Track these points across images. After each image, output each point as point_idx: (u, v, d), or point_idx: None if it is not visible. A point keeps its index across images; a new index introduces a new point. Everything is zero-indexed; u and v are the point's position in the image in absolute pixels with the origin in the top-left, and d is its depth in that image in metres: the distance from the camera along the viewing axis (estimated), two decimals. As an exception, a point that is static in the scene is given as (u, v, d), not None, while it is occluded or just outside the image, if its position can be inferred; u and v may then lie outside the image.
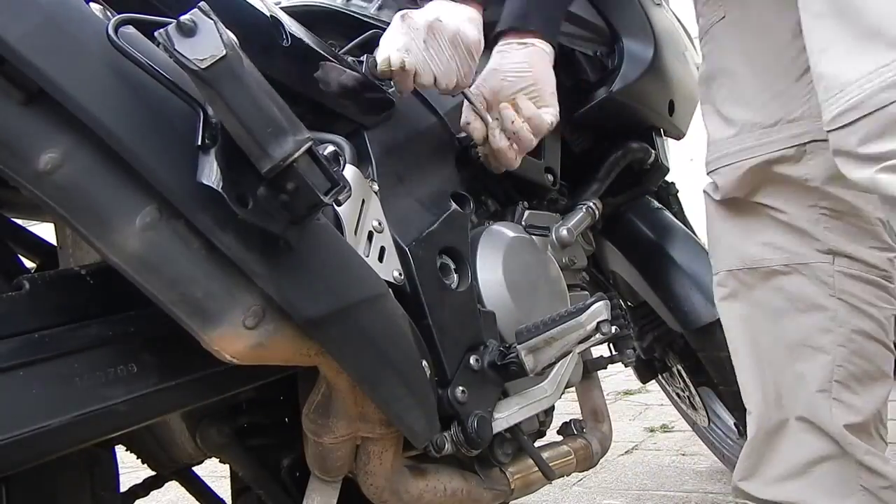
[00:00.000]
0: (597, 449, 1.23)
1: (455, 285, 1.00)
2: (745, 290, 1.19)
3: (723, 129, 1.17)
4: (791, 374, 1.15)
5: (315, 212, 0.65)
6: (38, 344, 0.63)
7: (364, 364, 0.75)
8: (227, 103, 0.56)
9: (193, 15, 0.56)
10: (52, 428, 0.60)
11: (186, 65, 0.55)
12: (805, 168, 1.11)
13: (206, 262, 0.62)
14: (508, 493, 1.05)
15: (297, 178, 0.60)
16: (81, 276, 0.71)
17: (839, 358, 1.12)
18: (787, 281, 1.15)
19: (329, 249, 0.72)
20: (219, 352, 0.65)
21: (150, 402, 0.68)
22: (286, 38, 0.89)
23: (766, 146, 1.12)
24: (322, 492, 0.88)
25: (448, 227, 1.01)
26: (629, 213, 1.54)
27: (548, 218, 1.26)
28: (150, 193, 0.59)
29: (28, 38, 0.54)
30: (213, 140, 0.58)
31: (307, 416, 0.83)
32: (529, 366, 0.95)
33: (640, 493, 1.95)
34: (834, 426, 1.11)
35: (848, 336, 1.11)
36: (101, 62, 0.57)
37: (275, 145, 0.58)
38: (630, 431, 2.66)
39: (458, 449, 0.92)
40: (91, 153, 0.57)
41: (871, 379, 1.13)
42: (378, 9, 1.25)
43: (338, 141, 0.93)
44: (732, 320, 1.23)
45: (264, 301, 0.65)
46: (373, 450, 0.87)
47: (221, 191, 0.58)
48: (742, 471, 1.22)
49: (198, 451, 0.94)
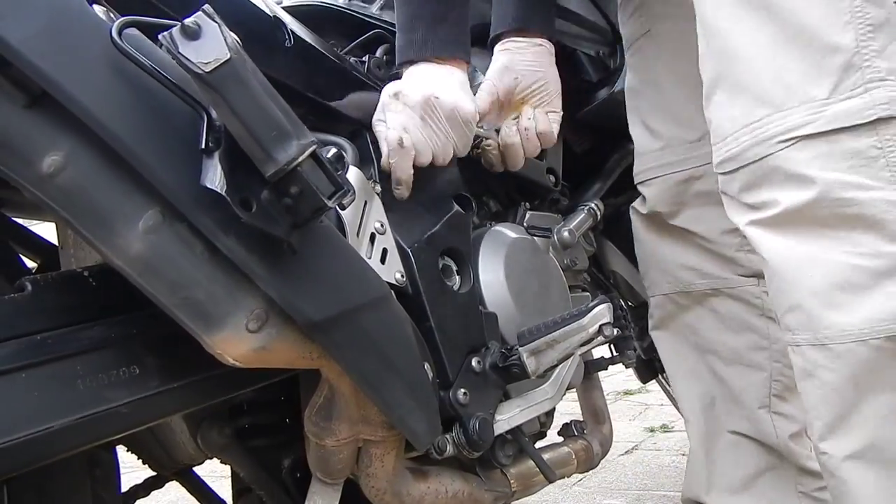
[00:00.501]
0: (597, 450, 1.23)
1: (457, 287, 1.00)
2: (680, 312, 1.22)
3: (649, 142, 1.19)
4: (726, 392, 1.19)
5: (319, 215, 0.65)
6: (40, 346, 0.63)
7: (366, 366, 0.75)
8: (230, 107, 0.56)
9: (197, 18, 0.56)
10: (54, 430, 0.60)
11: (190, 68, 0.55)
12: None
13: (208, 266, 0.62)
14: (509, 494, 1.05)
15: (301, 181, 0.60)
16: (84, 277, 0.70)
17: (775, 373, 1.15)
18: (718, 303, 1.18)
19: (332, 252, 0.72)
20: (221, 355, 0.65)
21: (153, 404, 0.68)
22: (288, 39, 0.89)
23: (691, 160, 1.15)
24: (323, 494, 0.88)
25: (450, 229, 1.01)
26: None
27: (549, 219, 1.26)
28: (153, 196, 0.59)
29: (31, 40, 0.54)
30: (217, 143, 0.58)
31: (309, 419, 0.83)
32: (531, 368, 0.95)
33: (640, 493, 1.95)
34: (780, 439, 1.15)
35: (781, 351, 1.14)
36: (104, 65, 0.57)
37: (279, 149, 0.58)
38: (630, 431, 2.66)
39: (460, 451, 0.92)
40: (94, 156, 0.57)
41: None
42: (380, 9, 1.25)
43: (340, 142, 0.93)
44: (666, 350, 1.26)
45: (267, 304, 0.65)
46: (374, 452, 0.87)
47: (225, 194, 0.57)
48: (691, 485, 1.24)
49: (199, 452, 0.94)
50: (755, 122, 0.82)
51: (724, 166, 0.86)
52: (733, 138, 0.84)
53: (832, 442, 0.81)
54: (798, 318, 0.82)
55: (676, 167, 1.16)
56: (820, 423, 0.82)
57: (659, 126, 1.18)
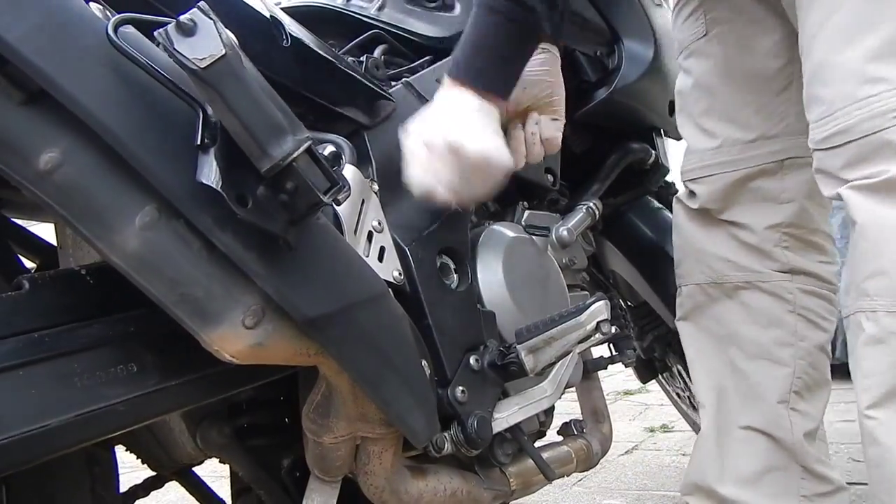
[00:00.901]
0: (597, 449, 1.23)
1: (455, 285, 1.00)
2: (709, 303, 1.24)
3: (703, 141, 1.22)
4: (743, 385, 1.21)
5: (314, 211, 0.65)
6: (38, 344, 0.63)
7: (364, 364, 0.75)
8: (226, 103, 0.56)
9: (193, 14, 0.56)
10: (51, 428, 0.61)
11: (186, 64, 0.55)
12: (781, 183, 1.17)
13: (205, 262, 0.62)
14: (508, 493, 1.05)
15: (296, 177, 0.60)
16: (81, 275, 0.71)
17: (798, 370, 1.18)
18: (749, 296, 1.20)
19: (329, 249, 0.72)
20: (218, 351, 0.65)
21: (150, 401, 0.68)
22: (286, 39, 0.89)
23: (747, 161, 1.18)
24: (322, 492, 0.88)
25: (448, 228, 1.01)
26: (629, 214, 1.54)
27: (548, 218, 1.26)
28: (149, 193, 0.59)
29: (28, 37, 0.54)
30: (213, 140, 0.58)
31: (307, 416, 0.83)
32: (529, 366, 0.95)
33: (640, 493, 1.95)
34: (794, 435, 1.17)
35: (807, 350, 1.18)
36: (100, 62, 0.57)
37: (274, 145, 0.58)
38: (630, 431, 2.66)
39: (458, 449, 0.92)
40: (91, 153, 0.57)
41: (819, 386, 1.20)
42: (378, 9, 1.25)
43: (338, 141, 0.93)
44: (689, 340, 1.28)
45: (264, 301, 0.65)
46: (373, 450, 0.87)
47: (221, 190, 0.58)
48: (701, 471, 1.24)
49: (198, 452, 0.94)
50: (871, 97, 0.84)
51: (830, 141, 0.88)
52: (843, 112, 0.86)
53: (889, 410, 0.83)
54: (879, 284, 0.83)
55: (731, 166, 1.19)
56: (881, 390, 0.83)
57: (714, 126, 1.21)
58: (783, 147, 1.16)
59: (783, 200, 1.17)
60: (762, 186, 1.17)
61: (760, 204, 1.18)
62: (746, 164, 1.18)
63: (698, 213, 1.24)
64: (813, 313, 1.19)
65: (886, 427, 0.83)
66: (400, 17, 1.25)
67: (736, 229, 1.20)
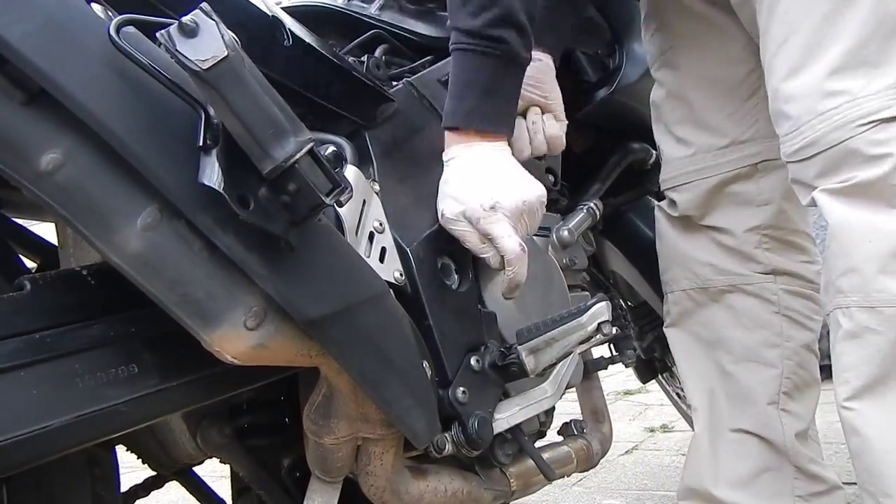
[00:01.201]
0: (597, 449, 1.23)
1: (456, 286, 1.00)
2: (696, 308, 1.25)
3: (678, 150, 1.24)
4: (732, 388, 1.22)
5: (316, 213, 0.65)
6: (39, 344, 0.63)
7: (365, 365, 0.75)
8: (228, 104, 0.56)
9: (195, 15, 0.56)
10: (52, 428, 0.61)
11: (188, 65, 0.55)
12: (757, 186, 1.19)
13: (207, 263, 0.62)
14: (509, 493, 1.05)
15: (298, 178, 0.60)
16: (82, 276, 0.71)
17: (787, 371, 1.19)
18: (734, 299, 1.22)
19: (330, 250, 0.72)
20: (220, 352, 0.65)
21: (151, 402, 0.68)
22: (287, 39, 0.89)
23: (722, 166, 1.20)
24: (323, 492, 0.88)
25: (449, 228, 1.00)
26: (630, 214, 1.54)
27: (548, 218, 1.26)
28: (151, 194, 0.59)
29: (30, 38, 0.54)
30: (215, 141, 0.58)
31: (308, 417, 0.83)
32: (530, 366, 0.95)
33: (640, 493, 1.95)
34: (786, 436, 1.18)
35: (794, 349, 1.20)
36: (102, 63, 0.57)
37: (276, 146, 0.58)
38: (630, 431, 2.66)
39: (459, 449, 0.92)
40: (92, 153, 0.57)
41: (808, 386, 1.21)
42: (379, 9, 1.25)
43: (339, 141, 0.93)
44: (678, 346, 1.29)
45: (265, 302, 0.65)
46: (373, 450, 0.87)
47: (223, 191, 0.57)
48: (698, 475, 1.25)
49: (198, 452, 0.94)
50: (832, 109, 0.87)
51: (800, 153, 0.91)
52: (808, 126, 0.89)
53: (867, 401, 0.85)
54: (852, 281, 0.86)
55: (707, 172, 1.21)
56: (858, 382, 0.86)
57: (688, 135, 1.23)
58: (756, 150, 1.18)
59: (760, 203, 1.19)
60: (739, 190, 1.19)
61: (739, 207, 1.20)
62: (721, 169, 1.20)
63: (680, 221, 1.26)
64: (798, 313, 1.20)
65: (864, 417, 0.85)
66: (401, 17, 1.25)
67: (717, 234, 1.22)
